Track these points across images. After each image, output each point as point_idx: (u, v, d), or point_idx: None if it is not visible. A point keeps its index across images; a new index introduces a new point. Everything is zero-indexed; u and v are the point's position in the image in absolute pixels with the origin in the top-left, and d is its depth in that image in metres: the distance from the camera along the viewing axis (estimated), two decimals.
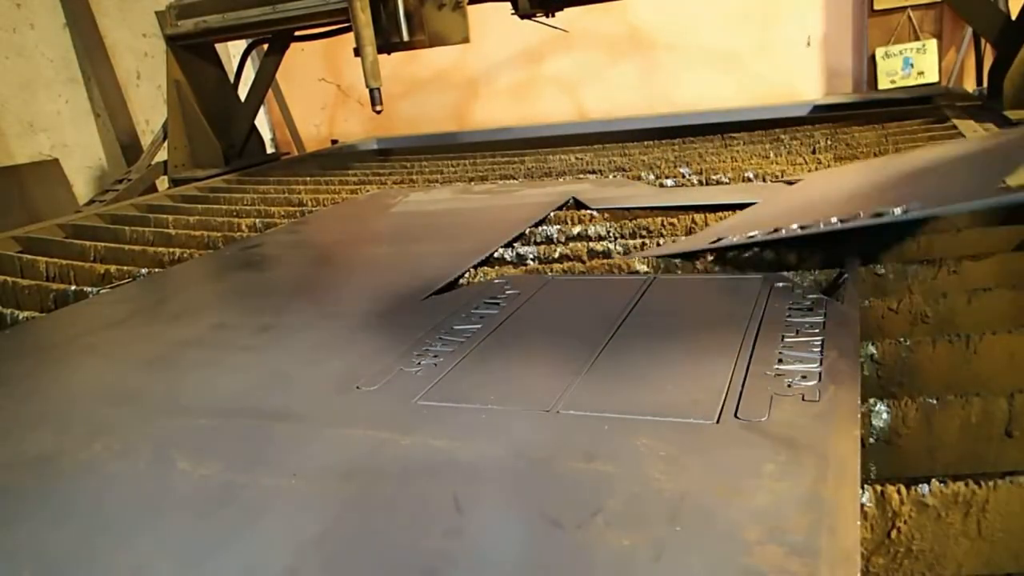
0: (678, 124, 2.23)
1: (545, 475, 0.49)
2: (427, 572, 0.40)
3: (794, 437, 0.49)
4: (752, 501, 0.43)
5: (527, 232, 1.18)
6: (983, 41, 2.40)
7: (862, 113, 2.02)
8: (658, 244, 1.04)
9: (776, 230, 0.83)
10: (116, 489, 0.54)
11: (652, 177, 1.54)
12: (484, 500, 0.47)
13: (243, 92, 2.34)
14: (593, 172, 1.70)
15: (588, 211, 1.29)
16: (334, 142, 3.03)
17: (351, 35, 1.71)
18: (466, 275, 0.97)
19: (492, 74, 4.01)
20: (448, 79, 4.03)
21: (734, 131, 2.00)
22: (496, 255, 1.07)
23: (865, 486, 0.47)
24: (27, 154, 2.99)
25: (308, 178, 2.06)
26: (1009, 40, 1.73)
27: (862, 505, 0.46)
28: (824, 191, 1.10)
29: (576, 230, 1.16)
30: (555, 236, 1.16)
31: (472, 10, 1.87)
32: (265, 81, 2.32)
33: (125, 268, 1.23)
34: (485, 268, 1.00)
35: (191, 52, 2.19)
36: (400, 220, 1.41)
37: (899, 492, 0.47)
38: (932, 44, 3.40)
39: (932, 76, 3.42)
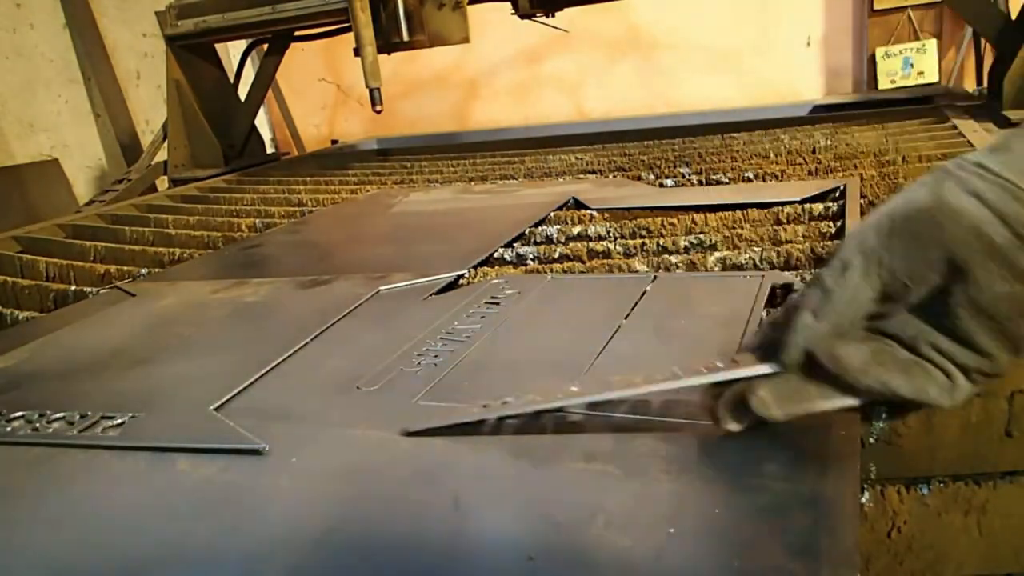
0: (678, 124, 2.23)
1: (545, 475, 0.49)
2: (427, 573, 0.40)
3: (794, 437, 0.49)
4: (752, 501, 0.43)
5: (527, 232, 1.18)
6: (983, 41, 2.40)
7: (862, 113, 2.02)
8: (659, 244, 1.03)
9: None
10: (116, 482, 0.54)
11: (652, 177, 1.54)
12: (484, 500, 0.47)
13: (243, 92, 2.34)
14: (593, 172, 1.70)
15: (588, 211, 1.29)
16: (334, 142, 3.02)
17: (351, 35, 1.71)
18: (466, 275, 0.97)
19: (492, 74, 4.01)
20: (448, 79, 4.03)
21: (734, 131, 2.00)
22: (496, 255, 1.07)
23: (865, 486, 0.47)
24: (27, 154, 2.99)
25: (308, 178, 2.06)
26: (1009, 40, 1.73)
27: (862, 505, 0.46)
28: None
29: (576, 230, 1.16)
30: (555, 236, 1.16)
31: (472, 10, 1.87)
32: (265, 81, 2.32)
33: (125, 268, 1.23)
34: (485, 268, 1.00)
35: (191, 52, 2.18)
36: (400, 220, 1.41)
37: (899, 492, 0.47)
38: (932, 44, 3.41)
39: (932, 76, 3.42)
